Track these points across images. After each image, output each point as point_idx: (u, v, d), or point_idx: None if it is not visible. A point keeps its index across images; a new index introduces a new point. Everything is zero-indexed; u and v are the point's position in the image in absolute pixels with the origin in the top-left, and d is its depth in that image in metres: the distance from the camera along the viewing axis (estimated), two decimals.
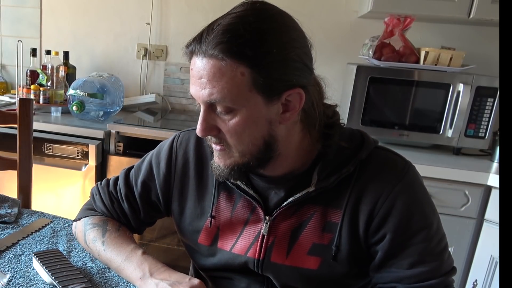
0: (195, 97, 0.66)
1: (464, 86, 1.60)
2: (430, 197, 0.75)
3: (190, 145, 0.84)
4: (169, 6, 2.16)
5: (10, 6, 2.27)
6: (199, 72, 0.63)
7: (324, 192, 0.72)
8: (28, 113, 1.19)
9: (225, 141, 0.68)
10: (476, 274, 1.53)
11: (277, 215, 0.75)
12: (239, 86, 0.62)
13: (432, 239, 0.71)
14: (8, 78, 2.36)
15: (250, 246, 0.77)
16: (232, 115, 0.65)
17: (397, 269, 0.71)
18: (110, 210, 0.87)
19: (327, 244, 0.73)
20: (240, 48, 0.61)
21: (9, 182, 1.41)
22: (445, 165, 1.52)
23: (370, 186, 0.71)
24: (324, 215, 0.73)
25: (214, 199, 0.80)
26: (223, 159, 0.70)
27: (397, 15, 1.67)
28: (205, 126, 0.67)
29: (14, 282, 0.73)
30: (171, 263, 2.09)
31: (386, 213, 0.70)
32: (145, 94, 2.25)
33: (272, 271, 0.77)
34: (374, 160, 0.73)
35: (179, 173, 0.84)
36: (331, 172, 0.71)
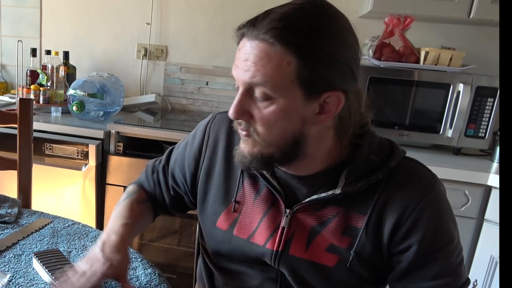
0: (236, 79, 0.66)
1: (464, 86, 1.60)
2: (452, 210, 0.75)
3: (222, 127, 0.84)
4: (169, 6, 2.16)
5: (10, 6, 2.27)
6: (246, 54, 0.63)
7: (349, 196, 0.72)
8: (28, 113, 1.19)
9: (254, 128, 0.67)
10: (476, 274, 1.53)
11: (298, 210, 0.76)
12: (283, 74, 0.62)
13: (454, 252, 0.72)
14: (8, 78, 2.36)
15: (269, 238, 0.77)
16: (268, 103, 0.65)
17: (419, 281, 0.72)
18: (148, 179, 0.95)
19: (346, 248, 0.73)
20: (292, 37, 0.61)
21: (9, 182, 1.41)
22: (445, 165, 1.52)
23: (397, 195, 0.71)
24: (346, 218, 0.73)
25: (239, 184, 0.80)
26: (248, 146, 0.70)
27: (397, 15, 1.67)
28: (239, 109, 0.66)
29: (14, 282, 0.73)
30: (171, 263, 2.09)
31: (413, 224, 0.70)
32: (145, 94, 2.25)
33: (290, 264, 0.77)
34: (402, 170, 0.73)
35: (209, 153, 0.85)
36: (359, 177, 0.71)
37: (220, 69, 2.15)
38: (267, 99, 0.64)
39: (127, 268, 0.74)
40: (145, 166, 0.98)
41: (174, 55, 2.21)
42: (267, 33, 0.60)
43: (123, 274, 0.73)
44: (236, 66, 0.65)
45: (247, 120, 0.67)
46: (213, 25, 2.11)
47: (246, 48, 0.63)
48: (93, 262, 0.71)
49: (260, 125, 0.67)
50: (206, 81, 2.20)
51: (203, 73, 2.19)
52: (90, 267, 0.70)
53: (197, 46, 2.17)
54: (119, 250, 0.74)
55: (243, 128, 0.68)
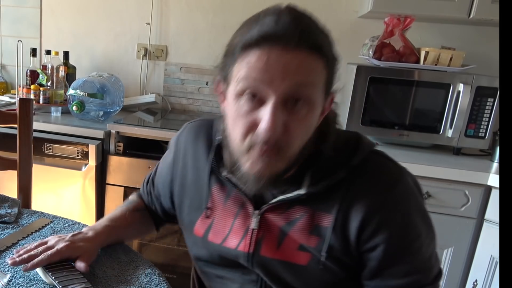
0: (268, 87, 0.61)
1: (464, 86, 1.60)
2: (421, 203, 0.74)
3: (190, 137, 0.86)
4: (169, 6, 2.16)
5: (10, 6, 2.28)
6: (284, 62, 0.60)
7: (314, 195, 0.71)
8: (28, 113, 1.19)
9: (284, 143, 0.64)
10: (476, 274, 1.53)
11: (266, 211, 0.76)
12: (320, 81, 0.64)
13: (422, 247, 0.72)
14: (8, 78, 2.36)
15: (241, 240, 0.78)
16: (307, 110, 0.64)
17: (391, 278, 0.71)
18: (142, 190, 0.99)
19: (314, 247, 0.73)
20: (325, 46, 0.63)
21: (9, 182, 1.41)
22: (445, 165, 1.52)
23: (362, 193, 0.70)
24: (313, 217, 0.73)
25: (208, 190, 0.81)
26: (271, 166, 0.65)
27: (397, 15, 1.67)
28: (277, 122, 0.62)
29: (14, 282, 0.73)
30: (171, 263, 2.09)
31: (379, 223, 0.69)
32: (145, 94, 2.25)
33: (263, 265, 0.77)
34: (367, 167, 0.71)
35: (181, 164, 0.86)
36: (322, 177, 0.70)
37: None
38: (306, 106, 0.64)
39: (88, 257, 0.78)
40: (145, 166, 1.01)
41: (174, 55, 2.21)
42: (304, 42, 0.61)
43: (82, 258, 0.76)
44: (264, 73, 0.61)
45: (280, 133, 0.63)
46: (213, 25, 2.11)
47: (281, 57, 0.60)
48: (58, 241, 0.78)
49: (296, 136, 0.65)
50: (206, 81, 2.20)
51: (203, 73, 2.19)
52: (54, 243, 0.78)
53: (197, 46, 2.17)
54: (87, 241, 0.80)
55: (270, 146, 0.63)
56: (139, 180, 1.05)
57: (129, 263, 0.83)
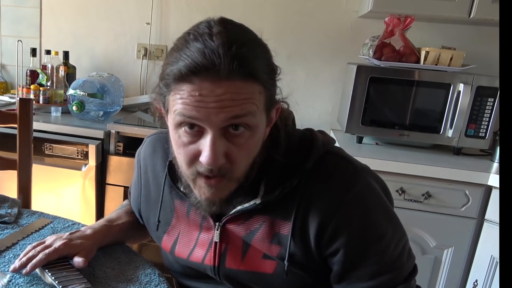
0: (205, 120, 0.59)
1: (464, 86, 1.60)
2: (384, 202, 0.71)
3: (148, 152, 0.86)
4: (169, 6, 2.15)
5: (10, 6, 2.27)
6: (217, 96, 0.57)
7: (271, 204, 0.69)
8: (28, 113, 1.19)
9: (228, 169, 0.63)
10: (476, 274, 1.53)
11: (226, 222, 0.74)
12: (259, 104, 0.61)
13: (389, 246, 0.69)
14: (8, 78, 2.36)
15: (206, 253, 0.77)
16: (247, 137, 0.62)
17: (358, 281, 0.70)
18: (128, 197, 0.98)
19: (276, 256, 0.71)
20: (258, 68, 0.59)
21: (9, 182, 1.41)
22: (445, 165, 1.52)
23: (318, 198, 0.68)
24: (272, 226, 0.71)
25: (171, 205, 0.81)
26: (219, 192, 0.65)
27: (397, 15, 1.67)
28: (218, 154, 0.60)
29: (14, 282, 0.73)
30: None
31: (337, 227, 0.67)
32: (145, 94, 2.25)
33: (230, 277, 0.76)
34: (321, 169, 0.69)
35: (143, 180, 0.87)
36: (277, 185, 0.68)
37: None
38: (246, 131, 0.61)
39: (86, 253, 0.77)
40: None
41: None
42: (236, 71, 0.56)
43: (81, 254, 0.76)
44: (198, 109, 0.58)
45: (223, 163, 0.61)
46: None
47: (213, 91, 0.57)
48: (56, 240, 0.78)
49: (238, 161, 0.63)
50: None
51: None
52: (51, 242, 0.77)
53: None
54: (85, 239, 0.80)
55: (216, 174, 0.62)
56: None
57: (129, 263, 0.83)
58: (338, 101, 2.04)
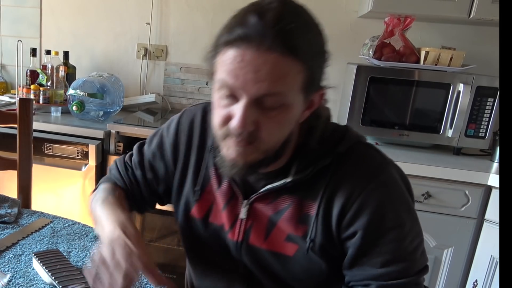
0: (241, 89, 0.62)
1: (464, 86, 1.60)
2: (406, 197, 0.74)
3: (196, 120, 0.85)
4: (169, 6, 2.16)
5: (10, 6, 2.27)
6: (256, 66, 0.60)
7: (301, 184, 0.72)
8: (28, 113, 1.19)
9: (256, 136, 0.65)
10: (476, 274, 1.53)
11: (255, 200, 0.77)
12: (295, 84, 0.63)
13: (405, 238, 0.71)
14: (8, 78, 2.36)
15: (230, 229, 0.79)
16: (279, 111, 0.64)
17: (370, 267, 0.71)
18: (123, 176, 0.91)
19: (302, 236, 0.74)
20: (300, 46, 0.61)
21: (9, 182, 1.41)
22: (445, 165, 1.52)
23: (345, 180, 0.71)
24: (300, 206, 0.74)
25: (206, 173, 0.82)
26: (245, 155, 0.67)
27: (397, 15, 1.67)
28: (247, 121, 0.63)
29: (14, 282, 0.73)
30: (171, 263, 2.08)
31: (358, 210, 0.70)
32: (145, 94, 2.25)
33: (251, 254, 0.78)
34: (353, 155, 0.72)
35: (184, 145, 0.85)
36: (308, 164, 0.72)
37: None
38: (278, 107, 0.64)
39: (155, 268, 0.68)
40: None
41: (174, 55, 2.21)
42: (277, 45, 0.60)
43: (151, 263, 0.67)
44: (236, 76, 0.62)
45: (251, 130, 0.65)
46: (213, 25, 2.11)
47: (254, 59, 0.61)
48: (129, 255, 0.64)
49: (267, 133, 0.66)
50: (206, 81, 2.20)
51: (203, 73, 2.19)
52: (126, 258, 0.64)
53: (197, 46, 2.17)
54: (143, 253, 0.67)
55: (244, 138, 0.65)
56: None
57: None
58: (338, 101, 2.05)
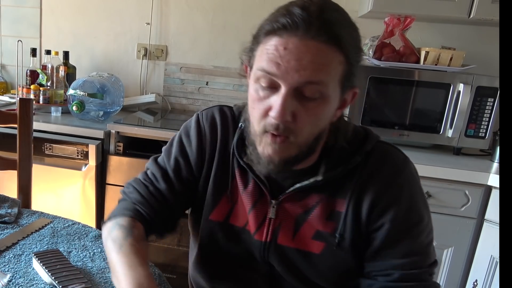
0: (281, 77, 0.63)
1: (464, 86, 1.60)
2: (423, 192, 0.78)
3: (216, 120, 0.84)
4: (169, 6, 2.16)
5: (10, 6, 2.27)
6: (299, 54, 0.61)
7: (330, 182, 0.74)
8: (28, 113, 1.19)
9: (293, 129, 0.66)
10: (476, 274, 1.53)
11: (283, 200, 0.77)
12: (336, 74, 0.65)
13: (424, 231, 0.75)
14: (8, 78, 2.36)
15: (257, 230, 0.79)
16: (317, 103, 0.65)
17: (392, 258, 0.74)
18: (145, 196, 0.82)
19: (331, 232, 0.75)
20: (346, 39, 0.63)
21: (9, 182, 1.41)
22: (445, 165, 1.52)
23: (373, 176, 0.74)
24: (329, 204, 0.75)
25: (231, 174, 0.81)
26: (281, 151, 0.68)
27: (397, 15, 1.67)
28: (286, 111, 0.64)
29: (14, 282, 0.73)
30: (171, 263, 2.08)
31: (387, 203, 0.73)
32: (145, 94, 2.25)
33: (278, 254, 0.78)
34: (377, 153, 0.75)
35: (209, 147, 0.84)
36: (339, 162, 0.74)
37: (220, 69, 2.15)
38: (318, 99, 0.65)
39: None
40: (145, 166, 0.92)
41: (174, 55, 2.21)
42: (322, 33, 0.61)
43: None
44: (278, 65, 0.63)
45: (289, 122, 0.65)
46: (213, 25, 2.11)
47: (297, 48, 0.61)
48: None
49: (304, 125, 0.66)
50: (206, 81, 2.20)
51: (203, 73, 2.19)
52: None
53: (197, 46, 2.17)
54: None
55: (281, 132, 0.66)
56: None
57: None
58: None
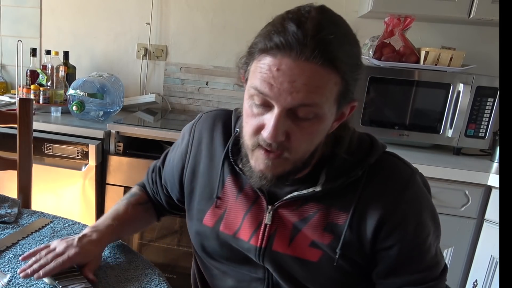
0: (274, 98, 0.62)
1: (464, 86, 1.60)
2: (431, 201, 0.77)
3: (206, 126, 0.85)
4: (169, 6, 2.16)
5: (10, 6, 2.27)
6: (292, 76, 0.60)
7: (329, 193, 0.72)
8: (28, 113, 1.19)
9: (288, 147, 0.65)
10: (476, 274, 1.54)
11: (280, 206, 0.76)
12: (331, 95, 0.63)
13: (432, 244, 0.74)
14: (8, 78, 2.36)
15: (253, 234, 0.78)
16: (312, 123, 0.64)
17: (405, 275, 0.74)
18: (148, 178, 0.99)
19: (327, 244, 0.74)
20: (340, 58, 0.61)
21: (9, 182, 1.41)
22: (445, 165, 1.52)
23: (379, 192, 0.72)
24: (326, 214, 0.74)
25: (220, 180, 0.81)
26: (274, 168, 0.67)
27: (397, 15, 1.67)
28: (279, 131, 0.63)
29: (14, 282, 0.73)
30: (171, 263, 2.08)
31: (396, 223, 0.71)
32: (145, 94, 2.25)
33: (274, 260, 0.77)
34: (382, 166, 0.73)
35: (194, 152, 0.86)
36: (339, 174, 0.72)
37: (220, 69, 2.15)
38: (312, 119, 0.64)
39: (95, 262, 0.79)
40: (145, 166, 1.00)
41: (174, 55, 2.21)
42: (317, 56, 0.59)
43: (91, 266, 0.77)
44: (271, 85, 0.61)
45: (282, 141, 0.64)
46: (213, 25, 2.11)
47: (291, 69, 0.60)
48: (67, 247, 0.78)
49: (297, 144, 0.65)
50: (206, 81, 2.20)
51: (203, 73, 2.19)
52: (63, 249, 0.77)
53: (197, 46, 2.17)
54: (94, 246, 0.80)
55: (274, 149, 0.65)
56: (139, 180, 1.05)
57: (129, 263, 0.83)
58: None
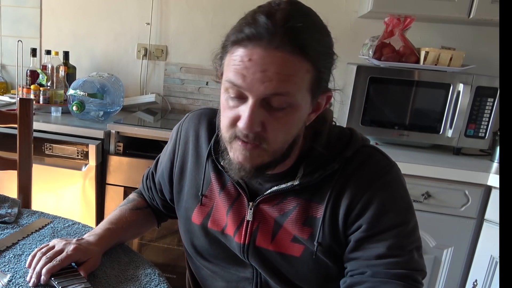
0: (248, 89, 0.62)
1: (464, 86, 1.60)
2: (410, 200, 0.75)
3: (192, 125, 0.86)
4: (169, 6, 2.16)
5: (10, 6, 2.27)
6: (263, 65, 0.60)
7: (308, 187, 0.73)
8: (28, 113, 1.19)
9: (264, 138, 0.65)
10: (476, 274, 1.54)
11: (260, 202, 0.77)
12: (303, 83, 0.63)
13: (405, 237, 0.71)
14: (8, 78, 2.36)
15: (236, 231, 0.79)
16: (286, 112, 0.64)
17: (367, 258, 0.71)
18: (143, 185, 1.00)
19: (307, 238, 0.74)
20: (310, 45, 0.61)
21: (9, 182, 1.42)
22: (445, 165, 1.52)
23: (351, 181, 0.72)
24: (305, 209, 0.74)
25: (205, 177, 0.82)
26: (252, 159, 0.67)
27: (397, 15, 1.67)
28: (254, 122, 0.63)
29: (14, 282, 0.73)
30: (171, 263, 2.09)
31: (363, 206, 0.71)
32: (145, 94, 2.25)
33: (258, 256, 0.78)
34: (358, 158, 0.73)
35: (181, 151, 0.87)
36: (316, 168, 0.72)
37: None
38: (286, 108, 0.64)
39: (93, 262, 0.79)
40: (145, 166, 1.00)
41: (174, 55, 2.21)
42: (286, 43, 0.59)
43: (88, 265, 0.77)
44: (244, 76, 0.62)
45: (258, 131, 0.65)
46: (213, 25, 2.11)
47: (262, 59, 0.60)
48: (66, 244, 0.78)
49: (274, 134, 0.65)
50: (206, 81, 2.20)
51: (203, 73, 2.19)
52: (62, 246, 0.78)
53: (197, 46, 2.17)
54: (93, 246, 0.81)
55: (251, 140, 0.65)
56: (139, 180, 1.05)
57: (129, 263, 0.83)
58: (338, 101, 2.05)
